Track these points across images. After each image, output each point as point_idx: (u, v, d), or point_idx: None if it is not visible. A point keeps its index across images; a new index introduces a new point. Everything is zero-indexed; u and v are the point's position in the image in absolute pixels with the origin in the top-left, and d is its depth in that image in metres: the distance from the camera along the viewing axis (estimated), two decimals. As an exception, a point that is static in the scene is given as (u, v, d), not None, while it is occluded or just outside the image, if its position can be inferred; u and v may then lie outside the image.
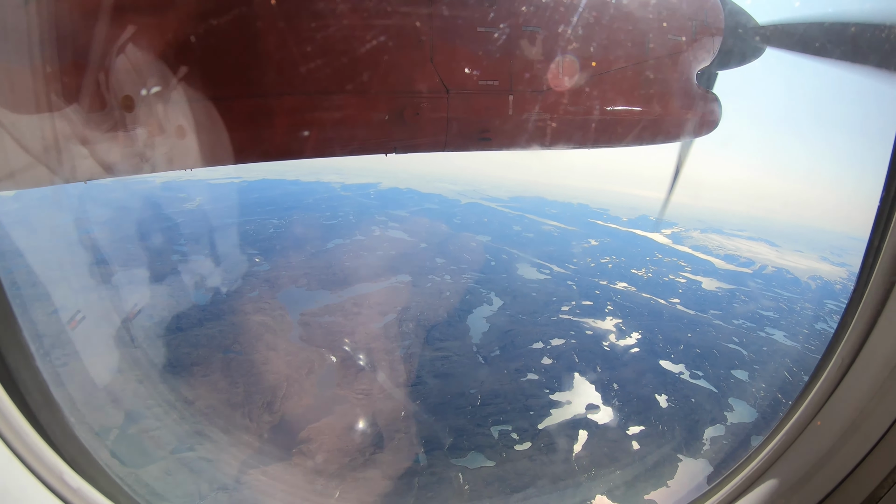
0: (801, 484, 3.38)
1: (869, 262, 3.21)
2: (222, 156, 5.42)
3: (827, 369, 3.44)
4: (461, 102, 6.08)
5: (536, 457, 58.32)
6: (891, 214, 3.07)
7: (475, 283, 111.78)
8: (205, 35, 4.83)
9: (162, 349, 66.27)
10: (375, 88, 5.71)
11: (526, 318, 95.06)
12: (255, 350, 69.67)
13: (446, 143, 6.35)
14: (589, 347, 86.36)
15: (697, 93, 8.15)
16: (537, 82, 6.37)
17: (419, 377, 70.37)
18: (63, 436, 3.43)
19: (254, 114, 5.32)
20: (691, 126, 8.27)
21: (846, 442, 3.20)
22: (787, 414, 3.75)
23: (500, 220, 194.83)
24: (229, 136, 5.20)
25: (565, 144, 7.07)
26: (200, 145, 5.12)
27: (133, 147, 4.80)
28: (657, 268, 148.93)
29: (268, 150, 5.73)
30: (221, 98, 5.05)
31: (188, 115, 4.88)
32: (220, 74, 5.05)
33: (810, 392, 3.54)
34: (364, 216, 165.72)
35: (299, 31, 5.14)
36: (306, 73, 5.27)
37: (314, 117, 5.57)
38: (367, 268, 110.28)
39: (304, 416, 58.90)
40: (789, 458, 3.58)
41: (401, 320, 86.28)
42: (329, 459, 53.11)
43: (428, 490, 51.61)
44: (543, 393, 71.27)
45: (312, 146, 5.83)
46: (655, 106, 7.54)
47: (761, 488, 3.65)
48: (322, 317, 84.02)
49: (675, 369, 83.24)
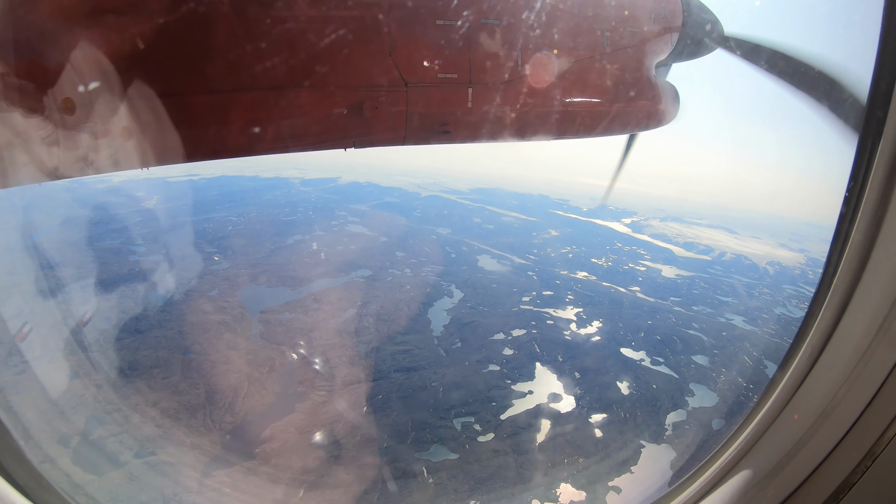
0: (774, 473, 3.42)
1: (837, 250, 3.26)
2: (174, 155, 5.29)
3: (797, 358, 3.52)
4: (420, 96, 6.05)
5: (500, 447, 58.59)
6: (858, 201, 3.07)
7: (436, 276, 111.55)
8: (152, 31, 4.69)
9: (121, 352, 65.23)
10: (333, 83, 5.63)
11: (487, 310, 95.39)
12: (215, 350, 69.08)
13: (406, 137, 6.33)
14: (550, 337, 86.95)
15: (656, 84, 8.27)
16: (497, 75, 6.38)
17: (381, 372, 70.10)
18: (13, 461, 3.45)
19: (207, 110, 5.18)
20: (651, 117, 8.35)
21: (818, 430, 3.24)
22: (757, 404, 3.82)
23: (461, 212, 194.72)
24: (181, 134, 5.10)
25: (526, 136, 7.09)
26: (150, 145, 5.01)
27: (76, 151, 4.67)
28: (617, 257, 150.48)
29: (222, 148, 5.61)
30: (171, 95, 4.91)
31: (135, 114, 4.75)
32: (169, 71, 4.90)
33: (781, 381, 3.61)
34: (324, 211, 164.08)
35: (253, 24, 5.05)
36: (261, 67, 5.16)
37: (270, 113, 5.47)
38: (327, 263, 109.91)
39: (265, 415, 58.67)
40: (762, 448, 3.63)
41: (361, 315, 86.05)
42: (292, 458, 52.89)
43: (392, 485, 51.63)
44: (505, 383, 71.66)
45: (269, 143, 5.72)
46: (615, 97, 7.61)
47: (735, 479, 3.69)
48: (282, 314, 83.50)
49: (636, 356, 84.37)
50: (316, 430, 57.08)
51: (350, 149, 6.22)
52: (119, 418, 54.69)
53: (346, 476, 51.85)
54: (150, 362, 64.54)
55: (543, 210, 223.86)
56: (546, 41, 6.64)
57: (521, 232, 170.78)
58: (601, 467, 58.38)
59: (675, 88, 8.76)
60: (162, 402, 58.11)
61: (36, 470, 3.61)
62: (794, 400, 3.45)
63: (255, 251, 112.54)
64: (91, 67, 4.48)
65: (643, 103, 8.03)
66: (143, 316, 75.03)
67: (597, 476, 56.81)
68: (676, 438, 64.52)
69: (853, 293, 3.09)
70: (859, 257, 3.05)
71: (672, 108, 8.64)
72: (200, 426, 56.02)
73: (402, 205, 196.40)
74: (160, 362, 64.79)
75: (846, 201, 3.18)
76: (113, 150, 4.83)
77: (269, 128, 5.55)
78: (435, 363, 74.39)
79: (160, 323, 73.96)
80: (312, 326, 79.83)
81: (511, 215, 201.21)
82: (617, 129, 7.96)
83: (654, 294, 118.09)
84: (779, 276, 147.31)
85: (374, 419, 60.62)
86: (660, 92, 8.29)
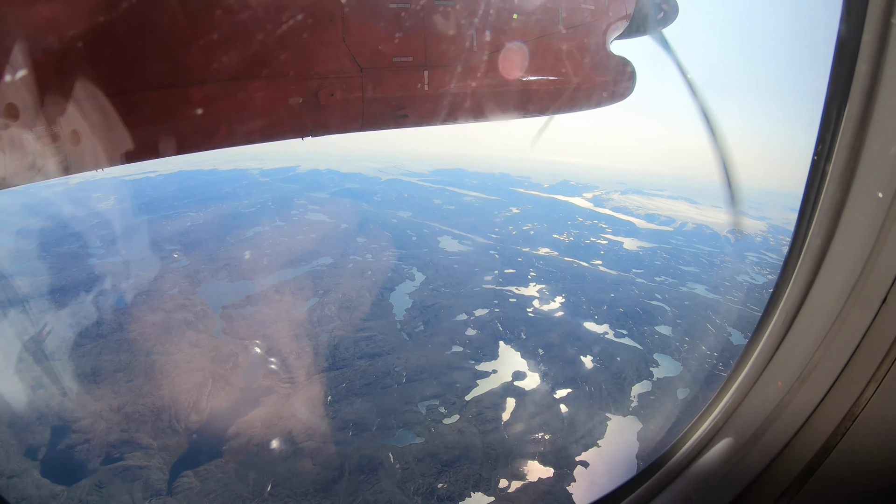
0: (756, 439, 3.44)
1: (806, 216, 3.27)
2: (127, 155, 5.13)
3: (771, 324, 3.52)
4: (376, 81, 6.01)
5: (465, 429, 59.02)
6: (826, 163, 3.07)
7: (397, 259, 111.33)
8: (95, 27, 4.49)
9: (83, 359, 64.58)
10: (287, 71, 5.54)
11: (449, 291, 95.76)
12: (178, 349, 68.79)
13: (363, 123, 6.31)
14: (513, 315, 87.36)
15: (613, 60, 8.26)
16: (453, 56, 6.36)
17: (344, 360, 70.01)
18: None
19: (157, 107, 5.03)
20: (608, 93, 8.34)
21: (797, 394, 3.27)
22: (734, 371, 3.83)
23: (421, 194, 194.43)
24: (132, 133, 4.94)
25: (484, 117, 7.12)
26: (101, 146, 4.83)
27: (24, 158, 4.40)
28: (579, 231, 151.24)
29: (176, 145, 5.44)
30: (119, 94, 4.74)
31: (84, 115, 4.56)
32: (116, 69, 4.71)
33: (756, 348, 3.63)
34: (283, 201, 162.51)
35: (202, 15, 4.93)
36: (212, 59, 5.05)
37: (223, 106, 5.37)
38: (287, 254, 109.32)
39: (231, 411, 58.79)
40: (742, 414, 3.65)
41: (323, 304, 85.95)
42: (259, 452, 53.19)
43: (359, 473, 51.90)
44: (469, 364, 72.02)
45: (224, 136, 5.64)
46: (571, 75, 7.58)
47: (717, 448, 3.71)
48: (244, 308, 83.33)
49: (600, 330, 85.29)
50: (281, 424, 57.02)
51: (307, 138, 6.24)
52: (85, 426, 54.39)
53: (314, 467, 52.09)
54: (113, 366, 64.00)
55: (504, 188, 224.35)
56: (501, 21, 6.67)
57: (483, 211, 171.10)
58: (568, 442, 58.79)
59: (632, 64, 8.70)
60: (126, 406, 57.68)
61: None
62: (770, 366, 3.52)
63: (215, 246, 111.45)
64: (33, 69, 4.29)
65: (600, 79, 8.11)
66: (104, 320, 73.95)
67: (564, 451, 57.33)
68: (642, 409, 65.44)
69: (824, 257, 3.16)
70: (829, 221, 3.10)
71: (629, 83, 8.68)
72: (166, 427, 55.82)
73: (363, 190, 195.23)
74: (123, 366, 64.36)
75: (813, 165, 3.20)
76: (63, 154, 4.62)
77: (224, 121, 5.51)
78: (398, 348, 74.41)
79: (121, 326, 73.20)
80: (275, 319, 79.53)
81: (472, 195, 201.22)
82: (575, 106, 8.03)
83: (616, 267, 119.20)
84: (740, 244, 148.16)
85: (339, 408, 60.68)
86: (617, 68, 8.38)
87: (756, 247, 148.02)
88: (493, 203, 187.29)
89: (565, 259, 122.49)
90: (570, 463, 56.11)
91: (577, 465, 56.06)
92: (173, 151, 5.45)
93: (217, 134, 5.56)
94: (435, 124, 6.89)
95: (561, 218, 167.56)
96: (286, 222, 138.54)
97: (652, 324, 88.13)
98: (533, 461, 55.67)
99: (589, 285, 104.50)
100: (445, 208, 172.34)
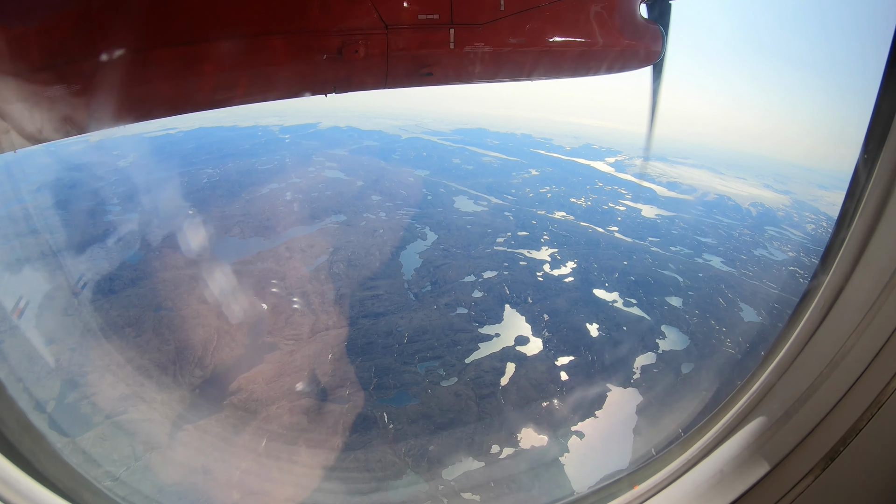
0: (786, 418, 3.55)
1: (851, 207, 3.32)
2: (151, 110, 5.36)
3: (809, 309, 3.58)
4: (401, 38, 5.97)
5: (462, 392, 58.98)
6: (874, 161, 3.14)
7: (410, 218, 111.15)
8: None
9: (94, 314, 65.60)
10: (312, 27, 5.56)
11: (459, 252, 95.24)
12: (186, 305, 69.22)
13: (387, 80, 6.31)
14: (522, 279, 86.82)
15: (640, 24, 8.22)
16: (480, 15, 6.33)
17: (349, 318, 70.16)
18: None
19: (183, 62, 5.08)
20: (635, 57, 8.32)
21: (828, 378, 3.36)
22: (769, 353, 3.91)
23: (440, 153, 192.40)
24: (158, 88, 5.13)
25: (509, 77, 7.15)
26: (127, 102, 4.98)
27: (55, 113, 4.60)
28: (597, 196, 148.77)
29: (199, 100, 5.65)
30: (144, 49, 4.84)
31: (112, 71, 4.66)
32: (141, 24, 4.78)
33: (793, 331, 3.69)
34: (302, 158, 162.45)
35: None
36: (238, 15, 5.15)
37: (248, 61, 5.44)
38: (301, 211, 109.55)
39: (234, 367, 59.28)
40: (775, 394, 3.74)
41: (333, 262, 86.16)
42: (258, 409, 53.65)
43: (352, 432, 52.26)
44: (472, 327, 71.71)
45: (247, 92, 5.75)
46: (597, 37, 7.47)
47: (750, 426, 3.82)
48: (254, 264, 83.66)
49: (609, 298, 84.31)
50: (282, 381, 57.60)
51: (331, 94, 6.31)
52: (94, 379, 55.30)
53: (308, 425, 52.49)
54: (123, 321, 64.70)
55: (525, 150, 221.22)
56: None
57: (501, 172, 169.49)
58: (565, 411, 58.60)
59: (660, 28, 8.73)
60: (133, 360, 58.43)
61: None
62: (805, 350, 3.60)
63: (230, 203, 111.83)
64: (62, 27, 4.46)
65: (627, 43, 8.03)
66: (116, 275, 74.95)
67: (560, 420, 57.10)
68: (644, 382, 64.65)
69: (864, 250, 3.23)
70: (872, 216, 3.16)
71: (657, 47, 8.62)
72: (171, 382, 56.50)
73: (382, 148, 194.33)
74: (132, 321, 65.00)
75: (864, 152, 3.23)
76: (89, 109, 4.79)
77: (248, 77, 5.63)
78: (403, 307, 74.42)
79: (133, 281, 74.04)
80: (284, 276, 79.95)
81: (491, 155, 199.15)
82: (602, 69, 7.96)
83: (632, 234, 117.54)
84: (761, 218, 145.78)
85: (339, 367, 60.92)
86: (645, 32, 8.35)
87: (778, 221, 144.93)
88: (512, 164, 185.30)
89: (581, 224, 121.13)
90: (566, 433, 55.80)
91: (573, 434, 55.73)
92: (196, 107, 5.69)
93: (241, 90, 5.70)
94: (459, 83, 6.96)
95: (580, 182, 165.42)
96: (302, 179, 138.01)
97: (663, 294, 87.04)
98: (527, 428, 55.43)
99: (602, 251, 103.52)
100: (464, 168, 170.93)
